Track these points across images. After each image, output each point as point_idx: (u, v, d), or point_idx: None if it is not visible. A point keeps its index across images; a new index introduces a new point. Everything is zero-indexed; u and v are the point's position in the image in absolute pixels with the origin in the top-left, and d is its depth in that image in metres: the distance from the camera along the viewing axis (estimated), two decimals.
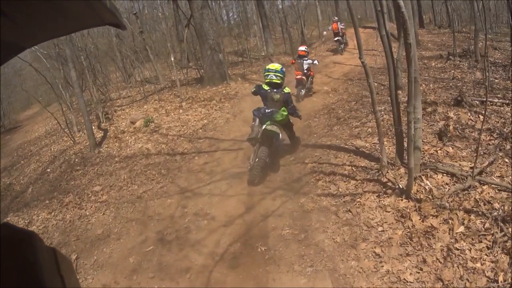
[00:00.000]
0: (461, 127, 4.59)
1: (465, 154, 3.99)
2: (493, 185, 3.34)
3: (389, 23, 5.97)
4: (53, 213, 5.45)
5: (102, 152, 7.33)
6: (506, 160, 3.71)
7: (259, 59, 14.59)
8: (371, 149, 4.35)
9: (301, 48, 8.68)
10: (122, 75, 15.41)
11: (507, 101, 5.26)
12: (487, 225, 2.92)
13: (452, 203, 3.17)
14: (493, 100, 5.38)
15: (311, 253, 3.02)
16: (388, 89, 6.78)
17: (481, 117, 4.96)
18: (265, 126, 4.51)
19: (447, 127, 4.43)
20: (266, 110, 4.65)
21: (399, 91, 5.08)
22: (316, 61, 8.55)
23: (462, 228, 2.95)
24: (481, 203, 3.21)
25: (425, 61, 9.01)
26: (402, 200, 3.23)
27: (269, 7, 21.11)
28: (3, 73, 11.42)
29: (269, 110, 4.63)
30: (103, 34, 15.29)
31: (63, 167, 7.32)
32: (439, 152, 4.03)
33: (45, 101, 14.72)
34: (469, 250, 2.78)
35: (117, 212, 4.77)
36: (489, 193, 3.31)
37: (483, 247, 2.78)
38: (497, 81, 6.38)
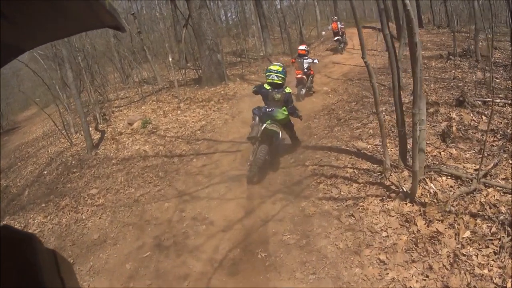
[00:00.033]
0: (464, 128, 4.51)
1: (469, 155, 3.92)
2: (498, 188, 3.27)
3: (389, 23, 5.89)
4: (49, 217, 5.38)
5: (99, 154, 7.24)
6: (510, 161, 3.64)
7: (258, 59, 14.51)
8: (373, 151, 4.26)
9: (301, 47, 8.65)
10: (120, 75, 15.33)
11: (509, 101, 5.20)
12: (493, 230, 2.86)
13: (457, 207, 3.10)
14: (495, 100, 5.32)
15: (313, 260, 2.93)
16: (388, 89, 6.77)
17: (483, 117, 4.90)
18: (266, 125, 4.50)
19: (450, 128, 4.35)
20: (266, 109, 4.65)
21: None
22: (316, 60, 8.53)
23: (468, 232, 2.88)
24: (486, 207, 3.13)
25: (425, 61, 8.93)
26: (406, 204, 3.14)
27: (268, 7, 21.09)
28: (1, 74, 11.31)
29: (270, 109, 4.63)
30: (101, 34, 15.19)
31: (59, 169, 7.23)
32: (442, 154, 3.96)
33: (43, 102, 14.64)
34: (476, 255, 2.71)
35: (114, 216, 4.69)
36: (494, 196, 3.24)
37: (490, 253, 2.71)
38: (498, 81, 6.32)
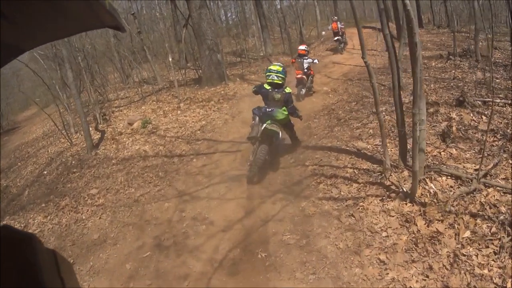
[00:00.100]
0: (464, 128, 4.51)
1: (469, 155, 3.92)
2: (498, 188, 3.27)
3: (389, 23, 5.89)
4: (49, 217, 5.37)
5: (99, 154, 7.24)
6: (510, 161, 3.64)
7: (258, 59, 14.50)
8: (373, 151, 4.26)
9: (301, 47, 8.65)
10: (120, 75, 15.32)
11: (509, 101, 5.20)
12: (493, 230, 2.86)
13: (457, 207, 3.09)
14: (495, 100, 5.32)
15: (313, 260, 2.92)
16: (388, 89, 6.77)
17: (484, 117, 4.89)
18: (266, 125, 4.50)
19: (450, 128, 4.35)
20: (266, 109, 4.65)
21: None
22: (316, 60, 8.53)
23: (468, 233, 2.87)
24: (486, 207, 3.13)
25: (425, 61, 8.92)
26: (406, 204, 3.14)
27: (268, 7, 21.07)
28: (1, 74, 11.31)
29: (270, 109, 4.63)
30: (101, 34, 15.19)
31: (59, 169, 7.23)
32: (442, 154, 3.95)
33: (43, 102, 14.63)
34: (476, 255, 2.70)
35: (114, 216, 4.69)
36: (494, 196, 3.24)
37: (490, 253, 2.71)
38: (498, 81, 6.31)
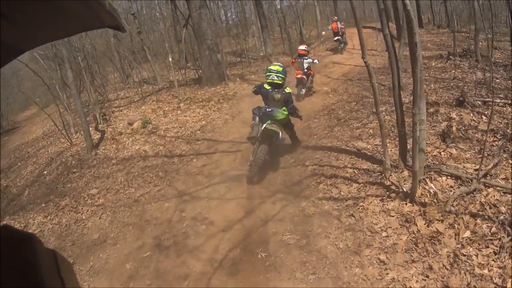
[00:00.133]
0: (464, 128, 4.51)
1: (469, 155, 3.92)
2: (498, 188, 3.27)
3: (389, 23, 5.88)
4: (49, 217, 5.37)
5: (99, 154, 7.23)
6: (510, 161, 3.64)
7: (258, 59, 14.49)
8: (373, 151, 4.25)
9: (301, 47, 8.65)
10: (120, 75, 15.31)
11: (509, 101, 5.20)
12: (493, 230, 2.86)
13: (457, 207, 3.09)
14: (495, 100, 5.32)
15: (313, 260, 2.92)
16: (388, 89, 6.77)
17: (483, 117, 4.89)
18: (266, 125, 4.50)
19: (450, 128, 4.35)
20: (266, 109, 4.66)
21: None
22: (316, 60, 8.52)
23: (468, 233, 2.87)
24: (486, 207, 3.13)
25: (425, 61, 8.92)
26: (406, 204, 3.14)
27: (268, 7, 21.05)
28: (1, 74, 11.32)
29: (270, 109, 4.64)
30: (101, 34, 15.18)
31: (59, 169, 7.23)
32: (442, 154, 3.95)
33: (43, 102, 14.62)
34: (476, 255, 2.70)
35: (114, 216, 4.68)
36: (494, 196, 3.24)
37: (490, 253, 2.71)
38: (498, 81, 6.31)
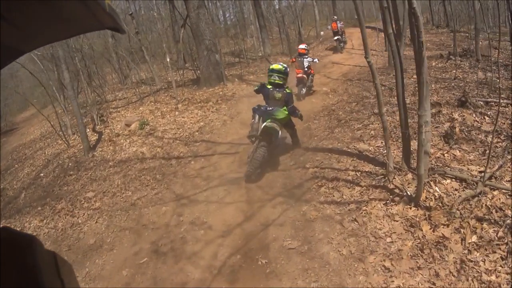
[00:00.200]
0: (467, 129, 4.43)
1: (473, 157, 3.84)
2: (504, 190, 3.19)
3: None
4: (45, 221, 5.29)
5: (96, 156, 7.13)
6: None
7: (256, 60, 14.41)
8: (375, 153, 4.17)
9: (301, 46, 8.61)
10: (118, 76, 15.20)
11: (511, 101, 5.14)
12: (500, 234, 2.78)
13: (463, 210, 3.01)
14: (497, 100, 5.25)
15: (316, 267, 2.83)
16: (389, 90, 6.69)
17: (486, 118, 4.82)
18: (266, 123, 4.52)
19: (453, 129, 4.26)
20: (267, 108, 4.69)
21: None
22: (316, 59, 8.47)
23: (474, 237, 2.79)
24: (493, 210, 3.05)
25: None
26: (410, 208, 3.05)
27: (266, 7, 20.93)
28: (0, 74, 11.20)
29: (270, 108, 4.66)
30: (99, 35, 15.08)
31: (56, 172, 7.13)
32: (446, 155, 3.87)
33: (41, 103, 14.50)
34: (483, 261, 2.63)
35: (110, 220, 4.59)
36: (500, 199, 3.16)
37: (497, 258, 2.63)
38: (499, 80, 6.24)
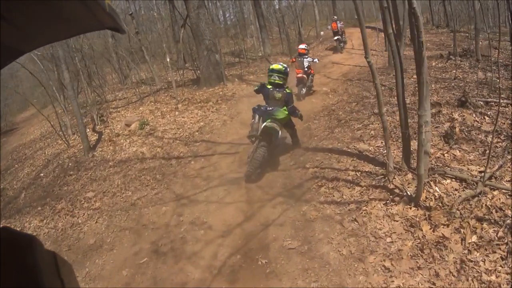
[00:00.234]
0: (467, 129, 4.43)
1: (473, 157, 3.84)
2: (504, 190, 3.19)
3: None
4: (45, 221, 5.29)
5: (96, 156, 7.13)
6: None
7: (256, 60, 14.41)
8: (375, 153, 4.17)
9: (301, 46, 8.61)
10: (118, 76, 15.19)
11: (511, 101, 5.14)
12: (500, 234, 2.78)
13: (463, 210, 3.01)
14: (497, 100, 5.25)
15: (316, 267, 2.82)
16: (389, 90, 6.69)
17: (486, 118, 4.82)
18: (266, 123, 4.52)
19: (453, 129, 4.26)
20: (267, 107, 4.68)
21: None
22: (316, 59, 8.48)
23: (474, 237, 2.79)
24: (493, 210, 3.05)
25: None
26: (410, 208, 3.05)
27: (266, 7, 20.93)
28: (0, 74, 11.21)
29: (270, 108, 4.66)
30: (99, 35, 15.08)
31: (56, 172, 7.12)
32: (446, 155, 3.87)
33: (41, 103, 14.48)
34: (483, 261, 2.63)
35: (110, 220, 4.59)
36: (500, 199, 3.16)
37: (497, 258, 2.63)
38: (499, 80, 6.23)
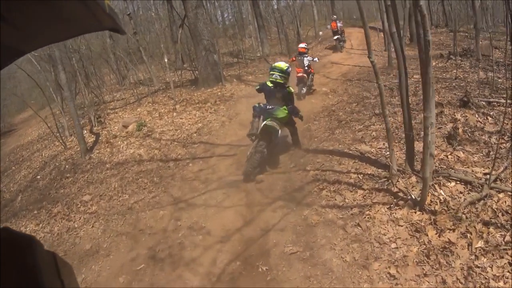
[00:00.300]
0: (470, 130, 4.36)
1: (477, 159, 3.76)
2: (509, 193, 3.11)
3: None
4: (41, 225, 5.20)
5: (93, 158, 7.02)
6: None
7: (255, 60, 14.34)
8: (377, 155, 4.08)
9: (301, 45, 8.57)
10: (116, 77, 15.07)
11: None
12: (507, 238, 2.71)
13: (468, 214, 2.93)
14: (499, 100, 5.18)
15: (318, 274, 2.73)
16: (389, 90, 6.61)
17: (489, 118, 4.75)
18: (265, 122, 4.48)
19: (456, 130, 4.18)
20: (267, 106, 4.63)
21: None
22: (316, 59, 8.42)
23: (481, 242, 2.71)
24: (499, 214, 2.97)
25: None
26: (415, 212, 2.96)
27: (264, 7, 20.85)
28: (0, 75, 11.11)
29: (270, 106, 4.61)
30: (97, 35, 14.89)
31: (53, 174, 7.02)
32: (449, 157, 3.79)
33: (39, 104, 14.33)
34: (490, 267, 2.55)
35: (107, 224, 4.49)
36: (506, 202, 3.08)
37: (505, 263, 2.56)
38: (501, 80, 6.20)
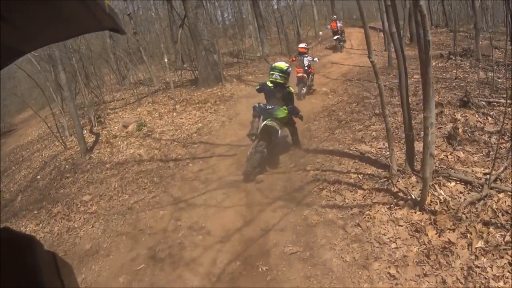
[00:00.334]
0: (470, 130, 4.36)
1: (477, 159, 3.76)
2: (509, 193, 3.12)
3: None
4: (41, 225, 5.20)
5: (93, 158, 7.02)
6: None
7: (255, 60, 14.33)
8: (377, 155, 4.08)
9: (301, 45, 8.58)
10: (116, 77, 15.07)
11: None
12: (507, 238, 2.71)
13: (468, 214, 2.93)
14: (499, 100, 5.19)
15: (318, 274, 2.73)
16: (389, 90, 6.61)
17: (489, 118, 4.75)
18: (265, 122, 4.48)
19: (456, 130, 4.19)
20: (267, 106, 4.63)
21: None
22: (316, 59, 8.42)
23: (481, 242, 2.71)
24: (499, 214, 2.97)
25: None
26: (415, 212, 2.96)
27: (264, 7, 20.85)
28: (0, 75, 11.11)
29: (270, 106, 4.61)
30: (96, 35, 14.88)
31: (53, 174, 7.02)
32: (449, 157, 3.79)
33: (39, 104, 14.32)
34: (490, 267, 2.55)
35: (107, 224, 4.50)
36: (506, 202, 3.09)
37: (505, 263, 2.56)
38: (501, 80, 6.20)
